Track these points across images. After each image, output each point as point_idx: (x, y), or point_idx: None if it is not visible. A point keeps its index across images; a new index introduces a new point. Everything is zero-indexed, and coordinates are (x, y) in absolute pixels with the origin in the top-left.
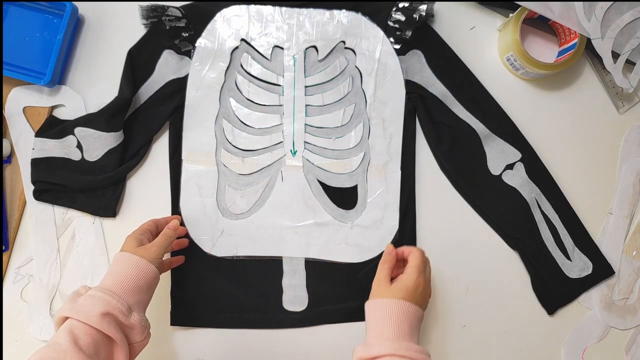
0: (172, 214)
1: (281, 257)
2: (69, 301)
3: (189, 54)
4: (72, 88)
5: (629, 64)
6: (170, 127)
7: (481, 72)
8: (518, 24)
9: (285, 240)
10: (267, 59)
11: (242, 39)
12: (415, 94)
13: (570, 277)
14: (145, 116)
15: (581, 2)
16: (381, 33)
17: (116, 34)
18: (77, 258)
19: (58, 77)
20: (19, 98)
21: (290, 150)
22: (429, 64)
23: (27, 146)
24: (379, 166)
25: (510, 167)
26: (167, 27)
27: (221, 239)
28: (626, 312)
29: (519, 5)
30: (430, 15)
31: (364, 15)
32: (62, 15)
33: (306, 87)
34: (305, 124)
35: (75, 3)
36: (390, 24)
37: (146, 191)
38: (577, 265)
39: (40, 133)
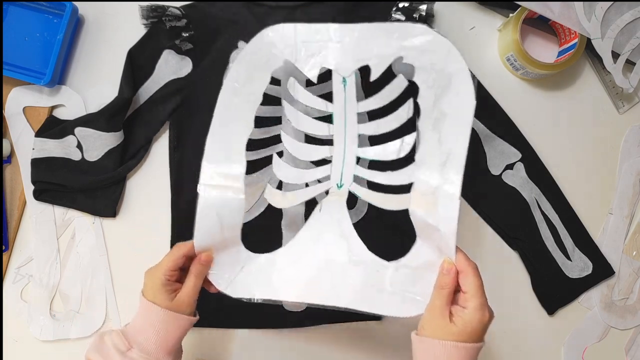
0: (172, 215)
1: (308, 305)
2: (115, 356)
3: (189, 53)
4: (72, 88)
5: (629, 64)
6: (170, 127)
7: (481, 72)
8: (518, 24)
9: (312, 282)
10: (315, 83)
11: (287, 60)
12: None
13: (570, 277)
14: (145, 116)
15: (581, 2)
16: (449, 44)
17: (116, 34)
18: (77, 258)
19: (58, 77)
20: (19, 98)
21: (337, 184)
22: None
23: (27, 146)
24: (427, 191)
25: (510, 167)
26: (167, 27)
27: (240, 277)
28: (626, 312)
29: (519, 5)
30: (430, 15)
31: (427, 26)
32: (62, 15)
33: (358, 113)
34: (357, 156)
35: (75, 3)
36: None
37: (146, 191)
38: (577, 265)
39: (40, 133)
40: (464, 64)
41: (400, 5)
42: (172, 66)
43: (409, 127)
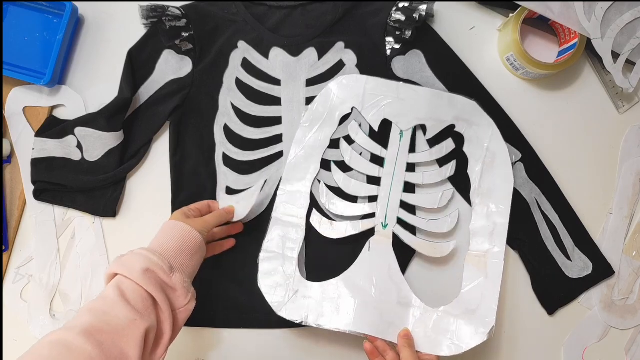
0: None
1: (358, 333)
2: (116, 259)
3: (189, 53)
4: (72, 88)
5: (629, 64)
6: (171, 127)
7: (481, 72)
8: (518, 24)
9: (362, 315)
10: (375, 130)
11: (354, 107)
12: None
13: (570, 277)
14: (145, 116)
15: (581, 2)
16: (493, 123)
17: (116, 34)
18: (77, 258)
19: (58, 77)
20: (19, 98)
21: (382, 223)
22: (429, 64)
23: (27, 146)
24: (479, 254)
25: None
26: (167, 27)
27: (294, 300)
28: (626, 312)
29: (519, 5)
30: (430, 15)
31: (477, 102)
32: (62, 15)
33: (408, 163)
34: (401, 200)
35: (75, 3)
36: (391, 23)
37: (146, 191)
38: (577, 265)
39: (40, 133)
40: (504, 145)
41: (400, 5)
42: (172, 66)
43: (450, 184)
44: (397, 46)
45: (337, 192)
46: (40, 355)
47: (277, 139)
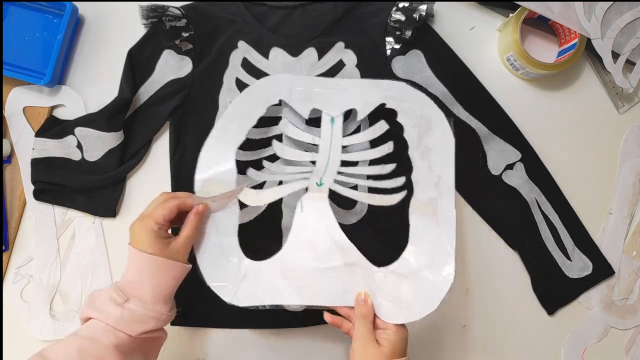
0: None
1: (316, 306)
2: (114, 314)
3: (189, 53)
4: (72, 88)
5: (629, 64)
6: (171, 127)
7: (481, 72)
8: (518, 24)
9: (313, 286)
10: (305, 119)
11: (281, 100)
12: None
13: (570, 277)
14: (145, 116)
15: (581, 2)
16: (424, 95)
17: (116, 34)
18: (77, 258)
19: (58, 77)
20: (19, 98)
21: (316, 183)
22: (429, 64)
23: (27, 146)
24: (425, 201)
25: (510, 167)
26: (167, 27)
27: (244, 285)
28: (626, 312)
29: (519, 5)
30: (430, 15)
31: (414, 86)
32: (62, 15)
33: (343, 146)
34: (339, 171)
35: (75, 3)
36: (391, 23)
37: (146, 191)
38: (577, 265)
39: (40, 133)
40: (439, 110)
41: (400, 5)
42: (172, 66)
43: (390, 159)
44: (397, 46)
45: (269, 176)
46: None
47: (277, 139)
